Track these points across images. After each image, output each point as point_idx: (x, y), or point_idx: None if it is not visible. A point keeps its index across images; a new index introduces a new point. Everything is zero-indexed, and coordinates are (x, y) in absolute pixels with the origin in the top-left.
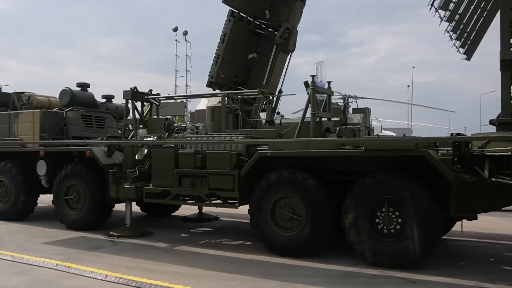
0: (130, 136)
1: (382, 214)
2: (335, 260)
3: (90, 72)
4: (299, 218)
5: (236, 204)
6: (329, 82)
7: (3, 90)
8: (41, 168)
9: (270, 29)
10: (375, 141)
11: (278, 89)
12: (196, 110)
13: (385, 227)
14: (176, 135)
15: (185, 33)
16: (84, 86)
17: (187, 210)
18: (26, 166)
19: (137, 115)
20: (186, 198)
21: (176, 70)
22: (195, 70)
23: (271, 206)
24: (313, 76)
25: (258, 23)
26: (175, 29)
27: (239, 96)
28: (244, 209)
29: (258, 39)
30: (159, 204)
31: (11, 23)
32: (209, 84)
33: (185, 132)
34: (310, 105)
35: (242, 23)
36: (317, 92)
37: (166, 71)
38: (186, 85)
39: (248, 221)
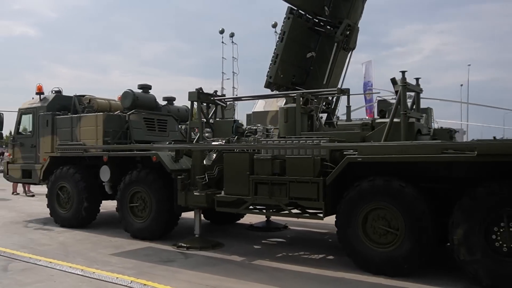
0: (196, 139)
1: (501, 230)
2: (440, 280)
3: (134, 77)
4: (396, 232)
5: (321, 215)
6: (417, 79)
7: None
8: (105, 173)
9: (329, 27)
10: (492, 145)
11: None
12: (253, 112)
13: (504, 245)
14: (246, 138)
15: (232, 35)
16: (146, 88)
17: (253, 218)
18: (89, 172)
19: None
20: (258, 207)
21: (222, 72)
22: (241, 73)
23: (363, 218)
24: (403, 72)
25: (317, 20)
26: (222, 31)
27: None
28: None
29: (316, 37)
30: (223, 212)
31: (61, 31)
32: (267, 85)
33: (256, 136)
34: (400, 104)
35: (301, 20)
36: (407, 90)
37: (208, 74)
38: (233, 87)
39: (321, 230)
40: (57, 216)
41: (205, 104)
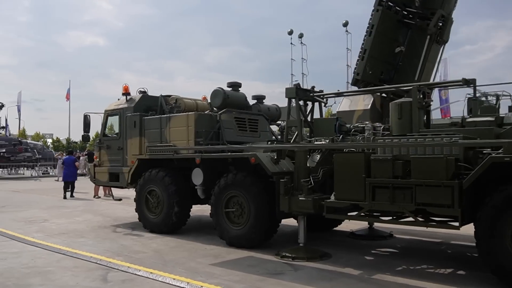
0: (293, 139)
1: None
2: None
3: (198, 82)
4: None
5: (456, 224)
6: None
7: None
8: (198, 176)
9: (420, 19)
10: None
11: None
12: (338, 112)
13: None
14: (353, 137)
15: (301, 35)
16: (235, 85)
17: (352, 224)
18: (179, 175)
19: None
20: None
21: (292, 74)
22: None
23: None
24: None
25: (406, 12)
26: (290, 32)
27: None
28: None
29: (405, 31)
30: (321, 217)
31: (127, 40)
32: (354, 82)
33: (364, 134)
34: None
35: (390, 12)
36: None
37: (271, 78)
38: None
39: (433, 240)
40: (146, 221)
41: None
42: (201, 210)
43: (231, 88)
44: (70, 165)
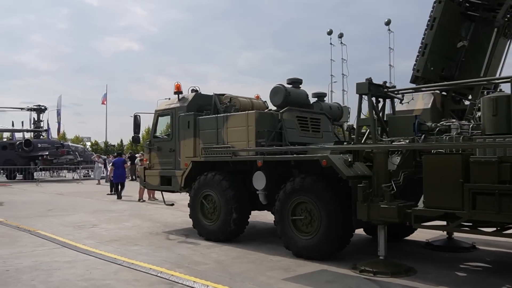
0: (363, 139)
1: None
2: None
3: (231, 85)
4: None
5: None
6: None
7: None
8: (260, 180)
9: (485, 10)
10: None
11: None
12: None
13: None
14: (437, 137)
15: (341, 35)
16: (296, 82)
17: (427, 234)
18: (237, 178)
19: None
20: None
21: (331, 75)
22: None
23: None
24: None
25: (469, 4)
26: (330, 32)
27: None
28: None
29: (468, 24)
30: (392, 226)
31: (161, 45)
32: (414, 80)
33: (451, 134)
34: None
35: (453, 4)
36: None
37: (304, 80)
38: (343, 90)
39: None
40: (202, 228)
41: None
42: (253, 216)
43: (291, 85)
44: (120, 166)
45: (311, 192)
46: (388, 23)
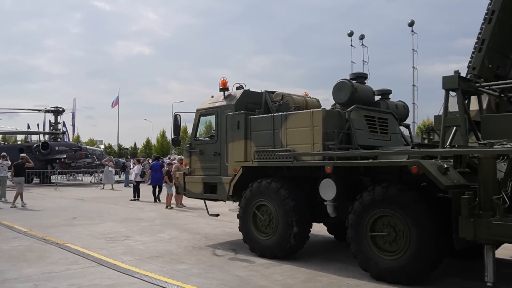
0: (449, 141)
1: None
2: None
3: None
4: None
5: None
6: None
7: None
8: (329, 189)
9: None
10: None
11: None
12: (435, 116)
13: None
14: None
15: (362, 37)
16: (361, 77)
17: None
18: (297, 186)
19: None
20: None
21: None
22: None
23: None
24: None
25: None
26: (351, 34)
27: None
28: None
29: None
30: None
31: (173, 49)
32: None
33: None
34: None
35: None
36: None
37: (314, 85)
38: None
39: None
40: (255, 243)
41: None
42: None
43: (355, 81)
44: (157, 170)
45: (396, 204)
46: (411, 24)
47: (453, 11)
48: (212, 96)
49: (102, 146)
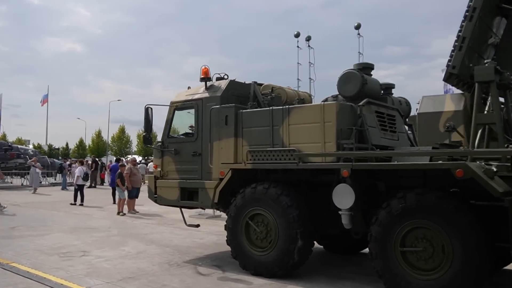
0: (472, 142)
1: None
2: None
3: (176, 90)
4: None
5: None
6: None
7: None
8: (346, 196)
9: None
10: None
11: None
12: (419, 114)
13: None
14: None
15: (308, 38)
16: (368, 68)
17: None
18: (299, 192)
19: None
20: None
21: (298, 79)
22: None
23: None
24: None
25: None
26: (297, 35)
27: None
28: None
29: (498, 20)
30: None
31: (106, 47)
32: (448, 77)
33: None
34: None
35: None
36: None
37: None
38: (310, 94)
39: None
40: (248, 259)
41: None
42: None
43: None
44: (117, 171)
45: (436, 214)
46: (358, 27)
47: (383, 20)
48: (189, 87)
49: (30, 146)
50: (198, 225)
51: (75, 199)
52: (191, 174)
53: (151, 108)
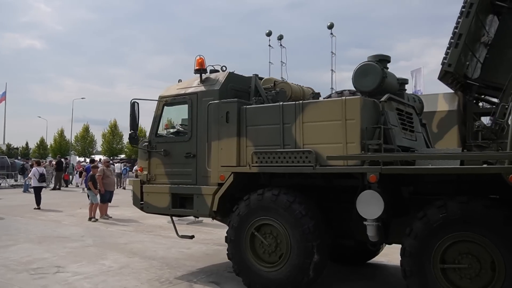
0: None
1: None
2: None
3: (140, 89)
4: None
5: None
6: None
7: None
8: (373, 204)
9: None
10: None
11: None
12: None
13: None
14: None
15: (280, 37)
16: (385, 60)
17: None
18: (312, 199)
19: None
20: None
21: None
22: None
23: None
24: None
25: None
26: (269, 34)
27: None
28: None
29: (491, 18)
30: None
31: (67, 44)
32: (443, 76)
33: None
34: None
35: None
36: None
37: None
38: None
39: None
40: (254, 276)
41: None
42: None
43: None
44: None
45: (483, 226)
46: (330, 26)
47: (347, 22)
48: (180, 81)
49: None
50: (192, 236)
51: (37, 203)
52: (183, 178)
53: (138, 103)
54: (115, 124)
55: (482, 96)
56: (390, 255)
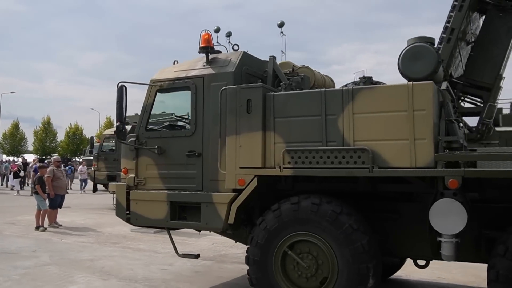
0: None
1: None
2: None
3: (71, 86)
4: None
5: None
6: None
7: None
8: (454, 217)
9: None
10: None
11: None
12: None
13: None
14: None
15: (229, 34)
16: (430, 42)
17: None
18: (358, 210)
19: None
20: None
21: None
22: None
23: None
24: None
25: None
26: (217, 30)
27: None
28: None
29: (476, 14)
30: None
31: None
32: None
33: None
34: None
35: None
36: None
37: None
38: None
39: None
40: None
41: None
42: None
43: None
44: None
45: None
46: (281, 25)
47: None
48: (176, 62)
49: None
50: (198, 256)
51: None
52: (184, 182)
53: (126, 87)
54: (48, 121)
55: (464, 96)
56: (404, 268)
